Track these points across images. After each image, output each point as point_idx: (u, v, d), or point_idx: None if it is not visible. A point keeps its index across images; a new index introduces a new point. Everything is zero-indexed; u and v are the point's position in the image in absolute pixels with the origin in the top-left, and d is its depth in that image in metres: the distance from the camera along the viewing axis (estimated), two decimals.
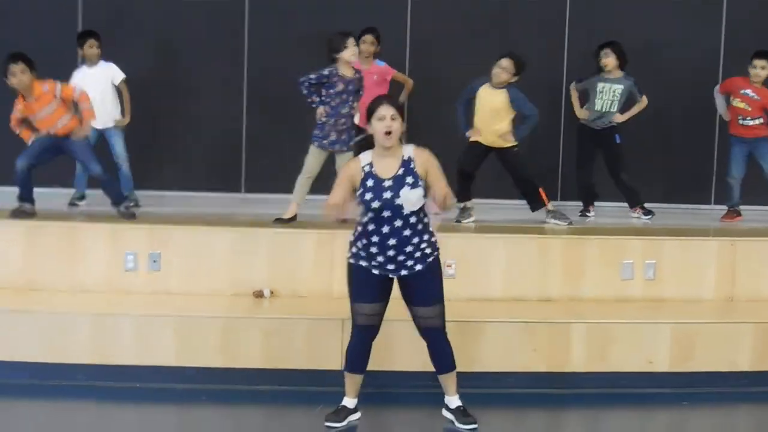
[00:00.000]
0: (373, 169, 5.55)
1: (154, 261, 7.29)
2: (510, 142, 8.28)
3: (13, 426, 5.91)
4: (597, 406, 6.58)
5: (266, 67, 9.57)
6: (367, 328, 5.70)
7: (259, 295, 7.23)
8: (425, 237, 5.62)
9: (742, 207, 9.09)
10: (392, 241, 5.54)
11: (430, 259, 5.65)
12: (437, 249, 5.71)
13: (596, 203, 9.16)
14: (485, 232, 7.84)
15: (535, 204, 8.44)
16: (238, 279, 7.29)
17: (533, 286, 7.39)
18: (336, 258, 7.23)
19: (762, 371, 6.88)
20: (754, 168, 8.99)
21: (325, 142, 7.77)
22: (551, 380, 6.71)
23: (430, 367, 6.15)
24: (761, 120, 8.83)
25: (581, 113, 8.96)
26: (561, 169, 10.02)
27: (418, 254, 5.61)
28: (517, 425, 6.32)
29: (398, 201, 5.47)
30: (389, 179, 5.51)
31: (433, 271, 5.68)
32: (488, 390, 6.28)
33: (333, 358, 6.50)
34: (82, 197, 8.82)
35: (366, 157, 5.61)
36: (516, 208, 8.90)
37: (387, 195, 5.48)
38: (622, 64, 8.84)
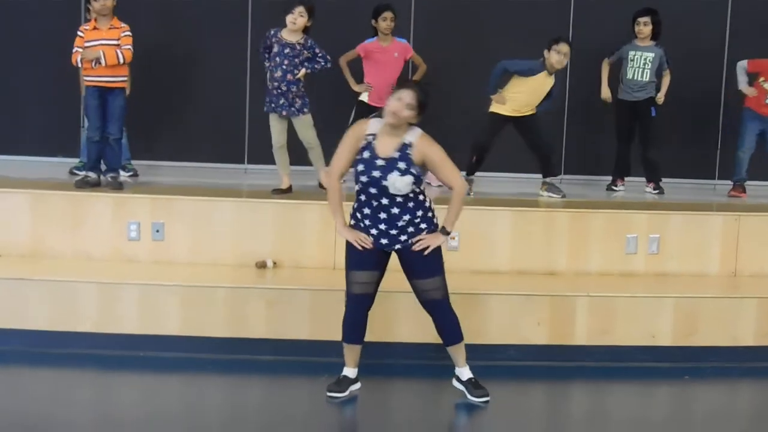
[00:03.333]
0: (373, 142, 5.53)
1: (157, 231, 7.28)
2: (531, 110, 8.33)
3: (18, 394, 5.92)
4: (600, 379, 6.60)
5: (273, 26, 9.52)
6: (362, 297, 5.69)
7: (262, 265, 7.23)
8: (419, 213, 5.62)
9: (747, 183, 9.08)
10: (382, 215, 5.57)
11: (424, 233, 5.66)
12: (435, 224, 5.71)
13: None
14: (490, 205, 7.83)
15: (548, 169, 8.42)
16: (241, 249, 7.29)
17: (538, 259, 7.40)
18: None
19: (765, 346, 6.90)
20: (759, 144, 9.01)
21: (271, 105, 7.82)
22: (554, 353, 6.72)
23: (431, 339, 6.18)
24: None
25: (606, 93, 8.96)
26: (565, 144, 10.00)
27: (411, 229, 5.62)
28: (520, 397, 6.32)
29: (384, 183, 5.48)
30: (383, 159, 5.49)
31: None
32: (491, 362, 6.28)
33: (335, 329, 6.46)
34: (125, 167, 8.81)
35: (374, 125, 5.59)
36: (518, 181, 8.91)
37: (376, 174, 5.48)
38: (656, 34, 8.86)
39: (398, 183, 5.47)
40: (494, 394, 5.85)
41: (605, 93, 9.01)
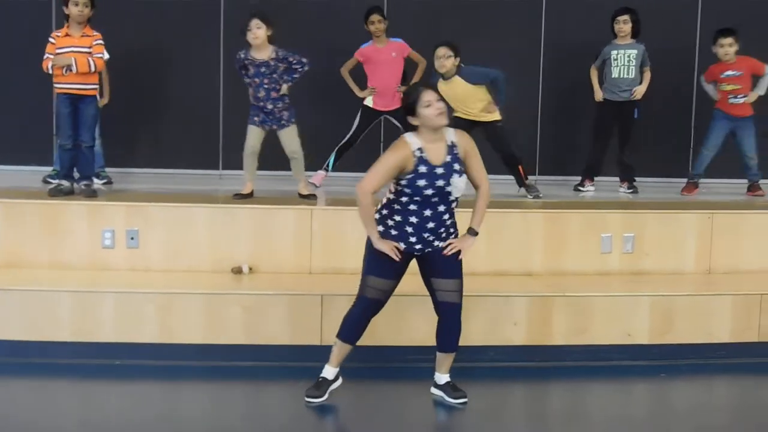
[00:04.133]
0: (424, 155, 5.49)
1: (132, 238, 7.25)
2: (494, 116, 8.26)
3: None
4: (578, 378, 6.62)
5: (244, 43, 9.49)
6: (375, 301, 5.68)
7: (237, 271, 7.22)
8: (454, 218, 5.70)
9: (717, 181, 9.17)
10: (431, 225, 5.57)
11: (454, 236, 5.72)
12: (457, 228, 5.77)
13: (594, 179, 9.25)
14: (466, 207, 7.81)
15: (519, 179, 8.45)
16: (217, 255, 7.27)
17: (515, 260, 7.43)
18: (315, 234, 7.26)
19: (740, 342, 6.97)
20: (730, 143, 9.08)
21: (256, 119, 7.85)
22: (532, 353, 6.75)
23: (410, 342, 6.19)
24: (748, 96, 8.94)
25: (599, 95, 9.00)
26: (539, 145, 10.04)
27: (444, 234, 5.66)
28: (499, 398, 6.33)
29: (449, 188, 5.50)
30: (440, 166, 5.49)
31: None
32: (470, 363, 6.29)
33: (313, 334, 6.52)
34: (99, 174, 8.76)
35: (414, 141, 5.51)
36: (493, 183, 8.90)
37: (440, 182, 5.48)
38: (635, 32, 8.92)
39: (460, 184, 5.53)
40: (475, 395, 5.88)
41: (598, 95, 9.03)
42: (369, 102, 8.78)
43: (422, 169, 5.46)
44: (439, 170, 5.48)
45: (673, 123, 10.00)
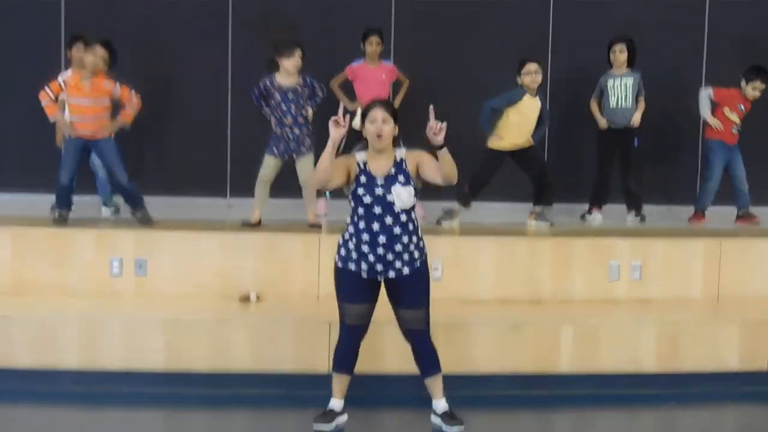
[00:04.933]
0: (367, 167, 5.59)
1: (140, 267, 7.27)
2: (529, 141, 8.45)
3: None
4: (585, 406, 6.58)
5: (252, 70, 9.52)
6: (356, 327, 5.69)
7: (245, 299, 7.22)
8: (414, 239, 5.63)
9: (723, 207, 9.19)
10: (382, 239, 5.54)
11: (418, 264, 5.66)
12: (425, 254, 5.73)
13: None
14: (473, 234, 7.85)
15: (545, 198, 8.48)
16: (225, 283, 7.28)
17: (522, 288, 7.42)
18: (322, 261, 7.25)
19: (749, 371, 6.92)
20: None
21: (275, 150, 7.87)
22: (540, 382, 6.72)
23: (417, 371, 6.16)
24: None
25: (603, 123, 9.02)
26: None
27: (406, 256, 5.61)
28: (506, 427, 6.30)
29: (390, 198, 5.51)
30: (381, 177, 5.56)
31: (421, 275, 5.69)
32: (477, 392, 6.27)
33: (320, 361, 6.50)
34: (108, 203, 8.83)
35: (361, 155, 5.65)
36: (501, 210, 8.93)
37: (379, 191, 5.52)
38: (631, 61, 8.94)
39: (403, 194, 5.52)
40: (480, 424, 5.86)
41: (602, 123, 9.05)
42: (356, 124, 8.74)
43: (363, 179, 5.56)
44: (380, 180, 5.55)
45: (680, 150, 10.00)
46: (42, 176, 8.86)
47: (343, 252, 5.68)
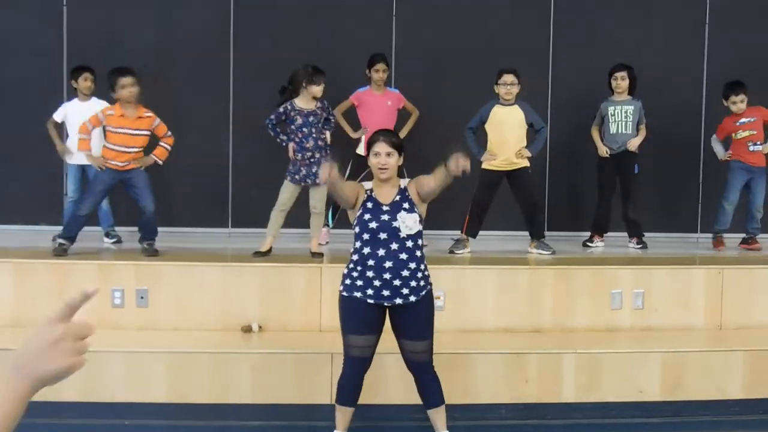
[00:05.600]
0: (373, 194, 5.65)
1: (141, 297, 7.27)
2: (524, 161, 8.40)
3: None
4: None
5: (252, 102, 9.58)
6: (360, 359, 5.67)
7: (247, 330, 7.21)
8: (421, 266, 5.64)
9: (728, 235, 9.17)
10: (388, 264, 5.54)
11: (424, 293, 5.66)
12: (430, 283, 5.73)
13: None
14: (475, 264, 7.85)
15: (539, 230, 8.48)
16: (227, 314, 7.27)
17: (524, 317, 7.40)
18: (325, 292, 7.25)
19: (752, 399, 6.91)
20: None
21: (297, 177, 7.88)
22: (543, 411, 6.70)
23: (419, 400, 6.14)
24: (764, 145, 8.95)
25: (603, 151, 9.03)
26: (547, 201, 10.06)
27: (413, 283, 5.60)
28: None
29: (395, 223, 5.54)
30: (387, 204, 5.60)
31: (426, 305, 5.68)
32: (479, 422, 6.26)
33: (323, 392, 6.49)
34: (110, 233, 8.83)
35: (368, 184, 5.73)
36: (502, 239, 8.93)
37: (385, 217, 5.55)
38: (632, 89, 8.99)
39: (408, 220, 5.55)
40: None
41: (602, 151, 9.05)
42: (361, 150, 8.80)
43: (369, 204, 5.62)
44: (386, 207, 5.60)
45: (681, 178, 10.01)
46: (44, 209, 8.89)
47: (348, 281, 5.67)
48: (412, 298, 5.61)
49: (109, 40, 9.29)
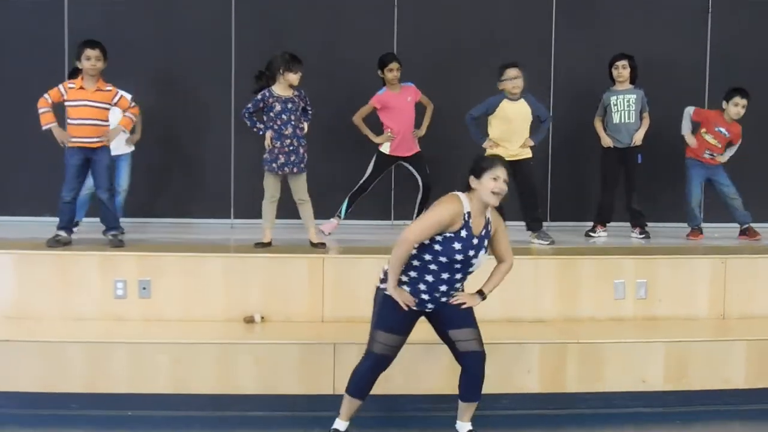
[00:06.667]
0: (470, 221, 5.51)
1: (144, 288, 7.25)
2: (528, 152, 8.43)
3: None
4: (592, 426, 6.56)
5: (250, 91, 9.55)
6: (384, 357, 5.64)
7: (250, 320, 7.20)
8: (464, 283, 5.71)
9: (727, 225, 9.24)
10: (443, 287, 5.58)
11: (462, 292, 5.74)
12: (463, 288, 5.78)
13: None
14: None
15: (537, 222, 8.47)
16: (229, 305, 7.27)
17: (527, 307, 7.39)
18: (327, 282, 7.26)
19: (755, 388, 6.91)
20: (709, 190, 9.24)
21: (274, 165, 7.83)
22: (546, 401, 6.70)
23: (424, 391, 6.15)
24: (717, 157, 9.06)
25: (606, 141, 9.02)
26: (550, 191, 10.04)
27: (453, 293, 5.67)
28: None
29: (474, 261, 5.53)
30: (477, 237, 5.52)
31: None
32: (483, 412, 6.21)
33: (326, 383, 6.49)
34: (77, 224, 8.78)
35: (466, 203, 5.52)
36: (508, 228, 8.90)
37: (471, 252, 5.50)
38: (633, 78, 8.97)
39: (484, 260, 5.58)
40: None
41: (606, 141, 9.05)
42: (385, 148, 8.82)
43: (463, 233, 5.47)
44: (475, 240, 5.50)
45: (683, 167, 9.96)
46: (46, 201, 8.88)
47: (404, 278, 5.61)
48: (447, 300, 5.67)
49: (110, 31, 9.24)
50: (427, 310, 5.66)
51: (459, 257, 5.47)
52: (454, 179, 5.76)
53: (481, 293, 5.75)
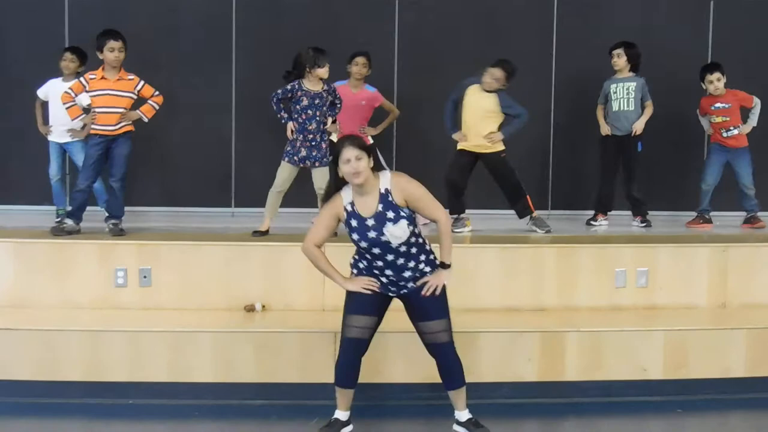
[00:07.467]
0: (355, 208, 5.52)
1: (145, 277, 7.25)
2: (497, 146, 8.34)
3: None
4: (592, 415, 6.55)
5: (255, 81, 9.54)
6: (357, 341, 5.63)
7: (250, 309, 7.20)
8: (422, 258, 5.63)
9: (729, 214, 9.23)
10: (389, 272, 5.58)
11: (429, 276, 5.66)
12: (437, 265, 5.71)
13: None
14: (478, 243, 7.82)
15: (523, 210, 8.45)
16: (230, 293, 7.26)
17: (527, 296, 7.38)
18: None
19: (755, 377, 6.89)
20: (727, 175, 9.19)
21: (295, 158, 7.81)
22: (546, 390, 6.70)
23: (421, 379, 6.14)
24: (740, 128, 9.02)
25: (605, 130, 9.03)
26: (551, 180, 10.03)
27: (417, 274, 5.63)
28: None
29: (384, 238, 5.47)
30: (371, 217, 5.48)
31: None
32: (483, 400, 6.22)
33: (325, 372, 6.46)
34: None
35: (347, 194, 5.56)
36: (506, 218, 8.90)
37: (372, 234, 5.47)
38: (634, 66, 8.96)
39: (396, 231, 5.46)
40: None
41: (604, 129, 9.05)
42: (335, 138, 8.77)
43: (353, 222, 5.51)
44: (370, 222, 5.47)
45: (685, 155, 9.98)
46: (46, 189, 8.87)
47: (355, 271, 5.71)
48: (415, 285, 5.62)
49: (110, 18, 9.22)
50: (391, 294, 5.66)
51: (364, 244, 5.50)
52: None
53: (442, 265, 5.69)
